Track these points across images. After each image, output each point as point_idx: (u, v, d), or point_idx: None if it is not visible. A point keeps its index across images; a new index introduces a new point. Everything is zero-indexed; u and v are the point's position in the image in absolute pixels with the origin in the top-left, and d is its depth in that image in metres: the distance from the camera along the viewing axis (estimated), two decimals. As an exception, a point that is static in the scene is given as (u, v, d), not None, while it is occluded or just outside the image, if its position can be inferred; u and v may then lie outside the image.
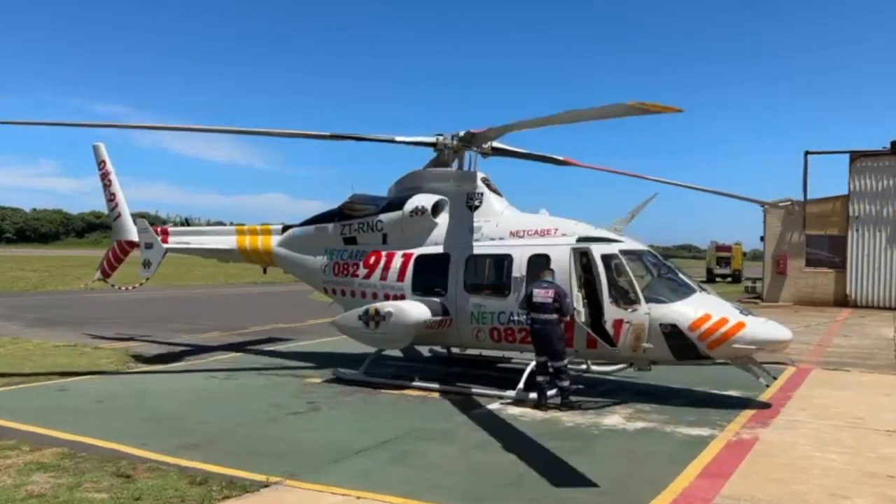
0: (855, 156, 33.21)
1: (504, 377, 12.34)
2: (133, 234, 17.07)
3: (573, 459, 8.17)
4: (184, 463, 7.70)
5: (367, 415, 10.36)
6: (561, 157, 13.60)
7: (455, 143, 13.08)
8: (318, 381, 12.75)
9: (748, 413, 10.60)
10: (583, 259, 11.59)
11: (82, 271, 41.77)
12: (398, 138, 12.82)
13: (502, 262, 12.09)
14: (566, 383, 10.81)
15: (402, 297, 12.71)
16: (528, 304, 10.88)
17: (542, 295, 10.75)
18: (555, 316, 10.70)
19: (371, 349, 13.02)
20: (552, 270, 11.17)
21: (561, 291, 10.77)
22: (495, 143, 13.18)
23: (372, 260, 13.38)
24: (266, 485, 7.08)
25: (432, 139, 13.13)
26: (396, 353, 13.94)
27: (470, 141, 12.93)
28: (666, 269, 11.78)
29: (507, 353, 13.82)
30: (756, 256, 60.06)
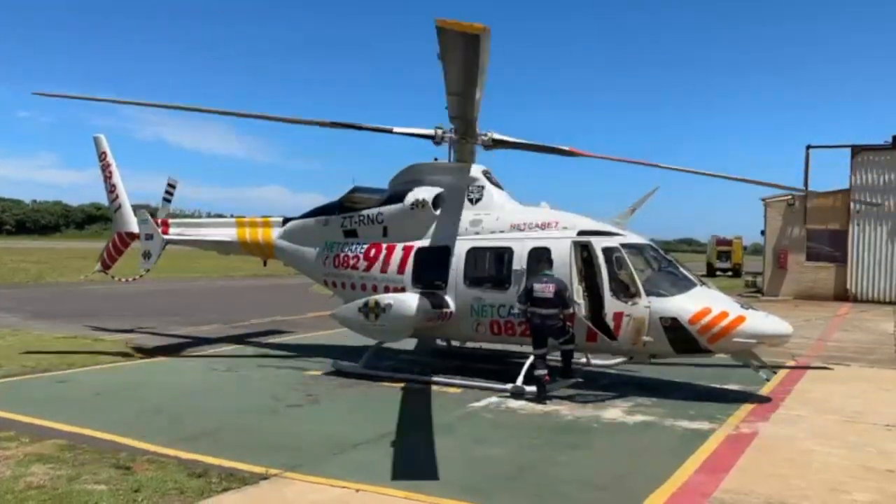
0: (856, 150, 33.15)
1: (504, 370, 12.34)
2: (133, 225, 17.04)
3: (572, 453, 8.18)
4: (183, 455, 7.70)
5: (366, 407, 10.36)
6: (566, 147, 13.39)
7: (454, 135, 12.95)
8: (318, 373, 12.76)
9: (748, 407, 10.60)
10: (584, 252, 11.57)
11: (82, 263, 41.74)
12: (396, 129, 12.74)
13: (503, 255, 12.07)
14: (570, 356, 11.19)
15: (402, 290, 12.69)
16: (529, 298, 10.86)
17: (542, 289, 10.73)
18: (555, 310, 10.69)
19: (371, 341, 13.02)
20: (551, 262, 11.14)
21: (561, 285, 10.75)
22: (496, 135, 13.05)
23: (372, 252, 13.35)
24: (265, 477, 7.07)
25: (430, 131, 13.01)
26: (396, 345, 13.92)
27: (468, 133, 12.79)
28: (666, 263, 11.77)
29: (508, 347, 13.80)
30: (756, 251, 60.02)
